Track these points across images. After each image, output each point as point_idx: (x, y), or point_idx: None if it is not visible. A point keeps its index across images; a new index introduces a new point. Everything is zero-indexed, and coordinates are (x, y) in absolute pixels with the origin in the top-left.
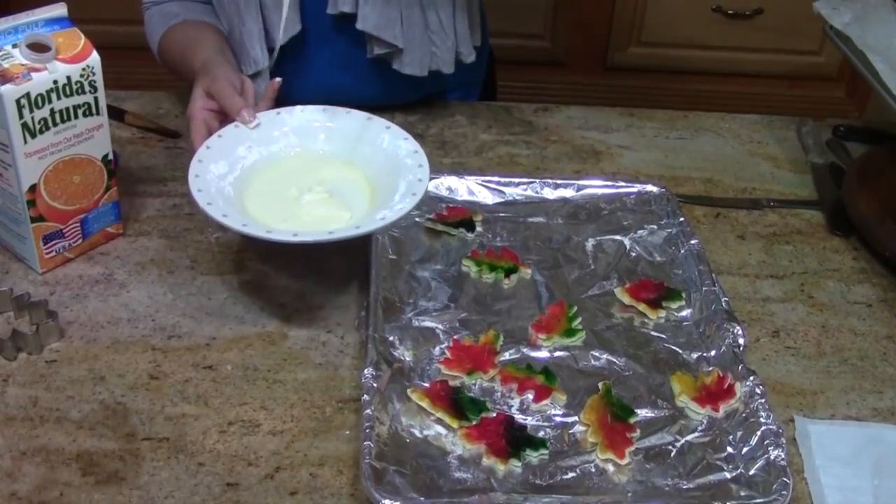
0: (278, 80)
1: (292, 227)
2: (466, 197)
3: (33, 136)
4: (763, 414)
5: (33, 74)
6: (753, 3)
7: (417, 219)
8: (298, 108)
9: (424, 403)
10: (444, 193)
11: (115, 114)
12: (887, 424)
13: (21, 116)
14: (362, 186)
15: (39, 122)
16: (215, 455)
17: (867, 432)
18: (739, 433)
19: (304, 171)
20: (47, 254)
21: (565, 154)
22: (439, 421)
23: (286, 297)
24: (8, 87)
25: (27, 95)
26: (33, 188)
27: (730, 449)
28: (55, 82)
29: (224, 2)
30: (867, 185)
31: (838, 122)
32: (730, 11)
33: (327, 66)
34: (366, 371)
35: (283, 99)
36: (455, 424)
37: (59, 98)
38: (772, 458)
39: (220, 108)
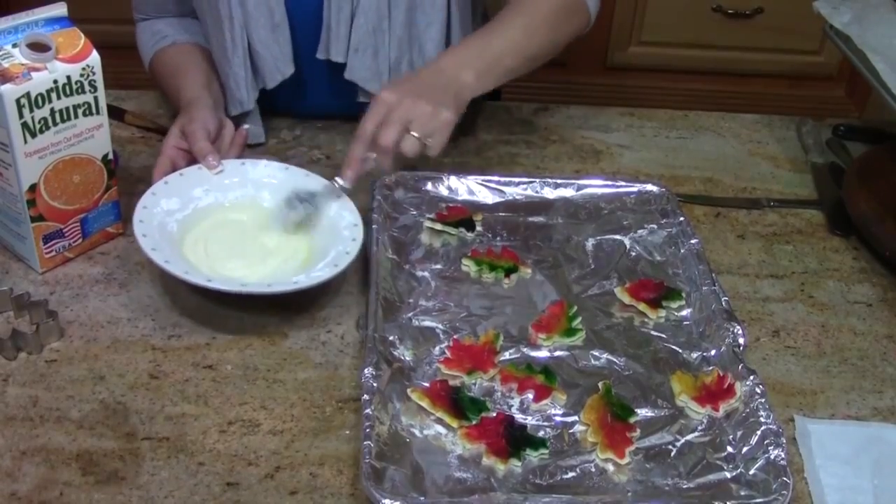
0: (245, 127)
1: (212, 273)
2: (466, 197)
3: (33, 135)
4: (763, 413)
5: (33, 74)
6: (753, 3)
7: (417, 219)
8: (263, 161)
9: (424, 403)
10: (445, 193)
11: (115, 114)
12: (887, 424)
13: (21, 116)
14: (301, 246)
15: (39, 122)
16: (215, 455)
17: (867, 432)
18: (739, 433)
19: (251, 221)
20: (47, 253)
21: (565, 154)
22: (439, 421)
23: (286, 298)
24: (8, 86)
25: (27, 95)
26: (33, 188)
27: (730, 448)
28: (55, 82)
29: (212, 44)
30: (867, 184)
31: (838, 121)
32: (730, 11)
33: (319, 100)
34: (366, 371)
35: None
36: (455, 424)
37: (59, 98)
38: (772, 457)
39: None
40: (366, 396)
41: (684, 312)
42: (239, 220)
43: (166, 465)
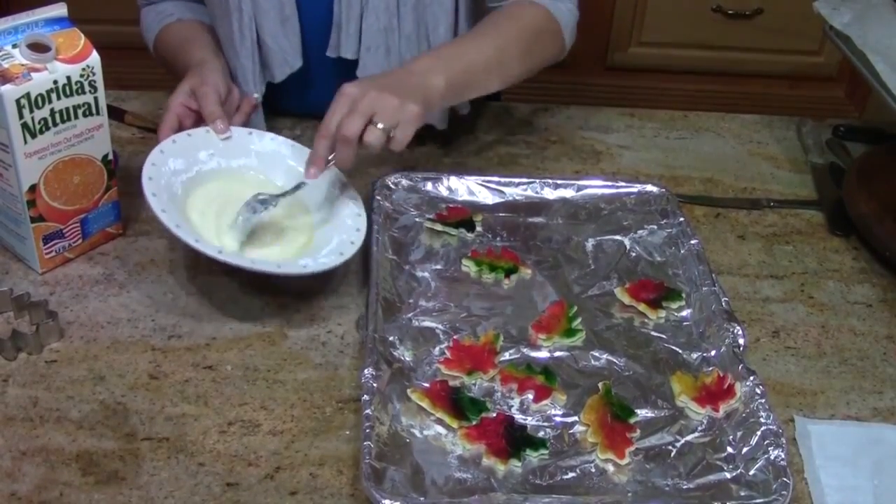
0: (255, 96)
1: (221, 244)
2: (466, 197)
3: (33, 136)
4: (763, 414)
5: (33, 74)
6: (753, 3)
7: (417, 219)
8: (270, 135)
9: (424, 403)
10: (445, 193)
11: (115, 114)
12: (887, 424)
13: (21, 116)
14: (304, 226)
15: (39, 122)
16: (215, 455)
17: (867, 432)
18: (739, 433)
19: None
20: (47, 254)
21: (565, 154)
22: (439, 421)
23: (286, 297)
24: (8, 87)
25: (27, 95)
26: (33, 188)
27: (730, 449)
28: (55, 82)
29: (220, 35)
30: (867, 185)
31: (838, 122)
32: (730, 11)
33: (326, 98)
34: (366, 371)
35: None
36: (455, 424)
37: (59, 98)
38: (772, 458)
39: (198, 110)
40: (366, 397)
41: (684, 313)
42: (240, 191)
43: (166, 465)
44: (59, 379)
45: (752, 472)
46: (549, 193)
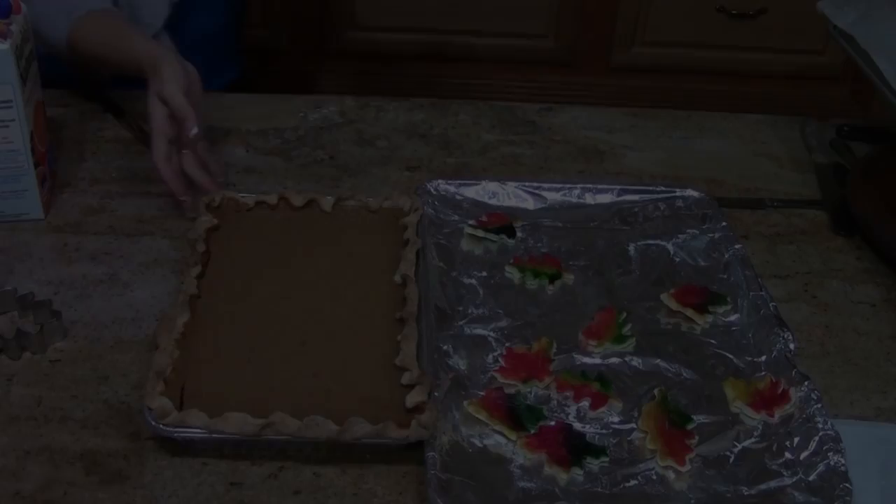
0: (195, 130)
1: None
2: (506, 203)
3: (24, 84)
4: (820, 419)
5: (11, 27)
6: (757, 3)
7: (459, 225)
8: None
9: (482, 416)
10: (484, 199)
11: (116, 114)
12: (894, 425)
13: (18, 67)
14: None
15: (24, 70)
16: (219, 454)
17: (873, 432)
18: (797, 439)
19: None
20: (43, 196)
21: (569, 154)
22: (498, 431)
23: None
24: (8, 42)
25: (17, 47)
26: (31, 136)
27: (788, 455)
28: (24, 30)
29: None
30: (871, 184)
31: (842, 121)
32: (733, 11)
33: None
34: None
35: None
36: (514, 437)
37: (25, 42)
38: (831, 463)
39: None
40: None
41: (732, 318)
42: None
43: (170, 464)
44: (63, 378)
45: (811, 478)
46: (590, 198)
